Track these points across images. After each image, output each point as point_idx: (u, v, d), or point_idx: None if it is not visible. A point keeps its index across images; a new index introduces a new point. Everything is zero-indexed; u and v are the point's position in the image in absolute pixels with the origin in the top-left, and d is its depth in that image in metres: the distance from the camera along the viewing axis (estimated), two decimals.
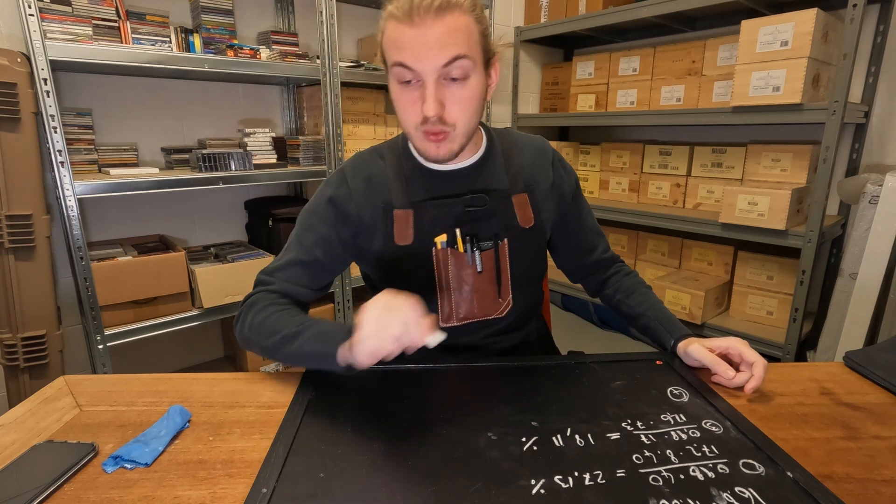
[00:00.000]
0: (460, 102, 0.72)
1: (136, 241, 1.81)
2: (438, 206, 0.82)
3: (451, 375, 0.76)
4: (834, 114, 1.66)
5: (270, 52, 1.76)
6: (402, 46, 0.69)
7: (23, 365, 1.42)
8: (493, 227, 0.84)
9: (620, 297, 0.94)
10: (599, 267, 0.98)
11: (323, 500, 0.51)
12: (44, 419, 0.66)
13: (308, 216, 0.84)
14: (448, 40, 0.68)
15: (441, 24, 0.67)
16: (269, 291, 0.80)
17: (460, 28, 0.68)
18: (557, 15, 2.62)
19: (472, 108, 0.74)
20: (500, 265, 0.85)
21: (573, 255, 0.97)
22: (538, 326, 1.01)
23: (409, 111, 0.73)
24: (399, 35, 0.69)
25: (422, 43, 0.67)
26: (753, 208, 1.87)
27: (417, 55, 0.68)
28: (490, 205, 0.83)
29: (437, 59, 0.68)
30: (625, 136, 2.78)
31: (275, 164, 1.84)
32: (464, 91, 0.71)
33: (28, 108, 1.34)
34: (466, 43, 0.69)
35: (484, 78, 0.75)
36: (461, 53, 0.68)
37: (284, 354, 0.72)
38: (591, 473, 0.54)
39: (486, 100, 0.77)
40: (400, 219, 0.82)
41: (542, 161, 0.89)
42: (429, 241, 0.82)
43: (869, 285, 1.70)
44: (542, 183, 0.88)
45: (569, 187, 0.92)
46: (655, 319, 0.87)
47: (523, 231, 0.85)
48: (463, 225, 0.82)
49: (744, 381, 0.72)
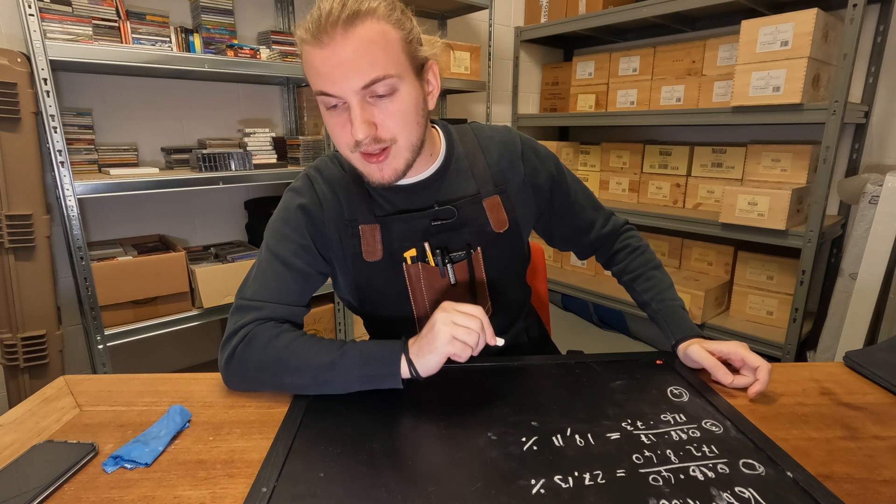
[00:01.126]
0: (393, 116, 0.66)
1: (136, 241, 1.81)
2: (405, 220, 0.78)
3: (451, 375, 0.76)
4: (834, 114, 1.66)
5: (270, 52, 1.76)
6: (317, 72, 0.64)
7: (23, 365, 1.42)
8: (465, 236, 0.80)
9: (627, 278, 0.92)
10: (603, 243, 0.95)
11: (323, 500, 0.51)
12: (44, 419, 0.66)
13: (280, 225, 0.77)
14: (363, 58, 0.62)
15: (352, 38, 0.61)
16: (262, 320, 0.72)
17: (375, 39, 0.62)
18: (557, 15, 2.62)
19: (410, 119, 0.67)
20: (474, 275, 0.82)
21: (570, 238, 0.94)
22: (527, 326, 0.98)
23: (341, 135, 0.67)
24: (312, 59, 0.63)
25: (335, 65, 0.62)
26: (753, 208, 1.87)
27: (332, 79, 0.63)
28: (459, 214, 0.79)
29: (354, 80, 0.62)
30: (625, 137, 2.78)
31: (275, 164, 1.84)
32: (394, 105, 0.65)
33: (28, 108, 1.34)
34: (384, 57, 0.63)
35: (417, 86, 0.68)
36: (379, 76, 0.63)
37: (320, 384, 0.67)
38: (591, 473, 0.54)
39: (427, 108, 0.71)
40: (367, 234, 0.77)
41: (510, 156, 0.84)
42: (398, 257, 0.78)
43: (869, 285, 1.70)
44: (513, 180, 0.84)
45: (545, 175, 0.86)
46: (659, 313, 0.85)
47: (497, 236, 0.82)
48: (432, 237, 0.79)
49: (744, 383, 0.72)
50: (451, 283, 0.81)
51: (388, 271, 0.79)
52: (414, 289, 0.80)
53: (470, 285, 0.83)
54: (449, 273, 0.80)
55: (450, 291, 0.82)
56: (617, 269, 0.95)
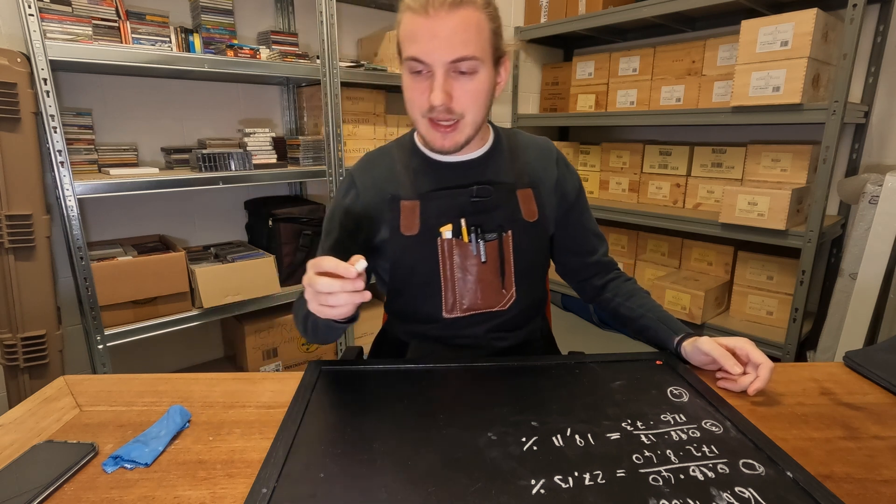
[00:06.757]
0: (468, 93, 0.74)
1: (136, 241, 1.81)
2: (444, 197, 0.84)
3: (451, 375, 0.76)
4: (834, 114, 1.66)
5: (270, 52, 1.76)
6: (415, 38, 0.72)
7: (23, 365, 1.42)
8: (498, 218, 0.85)
9: (620, 300, 0.94)
10: (599, 270, 0.98)
11: (323, 500, 0.51)
12: (44, 419, 0.66)
13: (327, 222, 0.89)
14: (459, 36, 0.70)
15: (454, 17, 0.70)
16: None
17: (472, 24, 0.71)
18: (557, 15, 2.62)
19: (480, 100, 0.76)
20: (503, 256, 0.86)
21: (573, 256, 0.98)
22: (542, 325, 1.01)
23: (418, 99, 0.75)
24: (413, 26, 0.72)
25: (434, 35, 0.70)
26: (753, 208, 1.87)
27: (428, 48, 0.71)
28: (495, 196, 0.85)
29: (447, 53, 0.71)
30: (625, 136, 2.78)
31: (275, 164, 1.84)
32: (472, 83, 0.74)
33: (28, 108, 1.34)
34: (476, 40, 0.72)
35: (493, 75, 0.77)
36: (468, 55, 0.71)
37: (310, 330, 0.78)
38: (591, 473, 0.54)
39: (494, 97, 0.79)
40: (406, 209, 0.84)
41: (546, 159, 0.92)
42: (434, 232, 0.84)
43: (869, 285, 1.70)
44: (546, 180, 0.91)
45: (572, 187, 0.94)
46: (657, 320, 0.87)
47: (527, 224, 0.87)
48: (468, 216, 0.85)
49: (749, 382, 0.72)
50: (482, 260, 0.85)
51: (423, 245, 0.84)
52: (445, 263, 0.85)
53: (499, 266, 0.86)
54: (481, 250, 0.84)
55: (479, 269, 0.85)
56: (609, 294, 0.96)
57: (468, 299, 0.86)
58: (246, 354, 1.91)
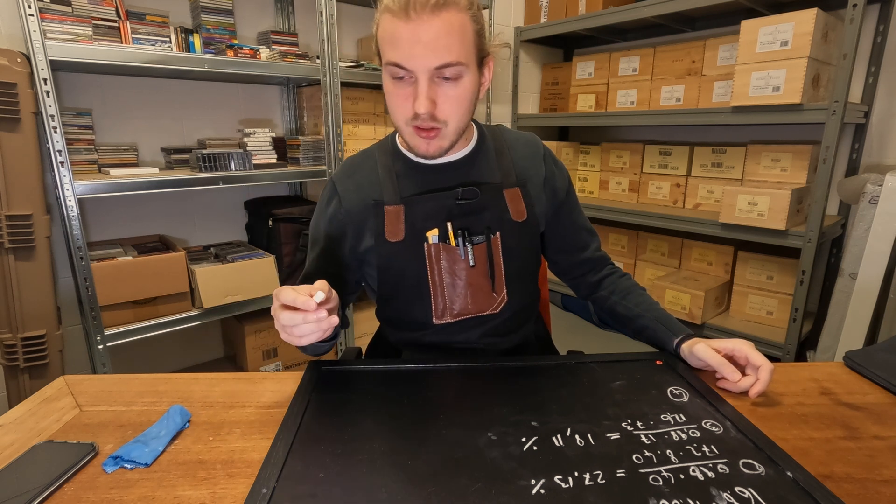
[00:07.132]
0: (452, 100, 0.72)
1: (136, 241, 1.81)
2: (429, 200, 0.82)
3: (451, 375, 0.76)
4: (834, 114, 1.66)
5: (270, 52, 1.76)
6: (396, 44, 0.69)
7: (23, 365, 1.42)
8: (486, 220, 0.84)
9: (616, 297, 0.93)
10: (593, 266, 0.97)
11: (323, 500, 0.51)
12: (44, 419, 0.66)
13: (312, 232, 0.88)
14: (443, 41, 0.68)
15: (437, 20, 0.67)
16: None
17: (455, 27, 0.68)
18: (557, 15, 2.62)
19: (464, 106, 0.74)
20: (493, 259, 0.84)
21: (566, 253, 0.96)
22: (536, 328, 1.00)
23: (401, 106, 0.73)
24: (394, 29, 0.68)
25: (416, 41, 0.67)
26: (753, 208, 1.87)
27: (411, 54, 0.68)
28: (481, 197, 0.83)
29: (431, 60, 0.68)
30: (625, 136, 2.78)
31: (275, 164, 1.84)
32: (456, 90, 0.72)
33: (28, 108, 1.34)
34: (460, 44, 0.69)
35: (477, 78, 0.75)
36: (452, 61, 0.69)
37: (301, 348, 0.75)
38: (591, 473, 0.54)
39: (478, 98, 0.77)
40: (391, 215, 0.82)
41: (533, 155, 0.90)
42: (420, 237, 0.82)
43: (869, 285, 1.70)
44: (534, 177, 0.88)
45: (561, 183, 0.92)
46: (655, 320, 0.86)
47: (516, 225, 0.85)
48: (455, 219, 0.83)
49: (749, 385, 0.71)
50: (471, 264, 0.83)
51: (410, 251, 0.82)
52: (433, 269, 0.83)
53: (488, 269, 0.85)
54: (469, 254, 0.83)
55: (468, 274, 0.83)
56: (605, 292, 0.95)
57: (458, 304, 0.84)
58: (246, 354, 1.91)
